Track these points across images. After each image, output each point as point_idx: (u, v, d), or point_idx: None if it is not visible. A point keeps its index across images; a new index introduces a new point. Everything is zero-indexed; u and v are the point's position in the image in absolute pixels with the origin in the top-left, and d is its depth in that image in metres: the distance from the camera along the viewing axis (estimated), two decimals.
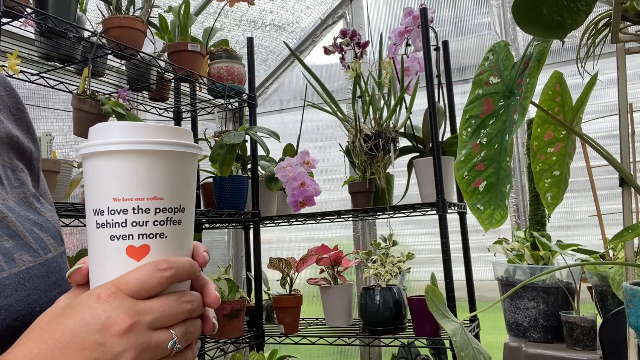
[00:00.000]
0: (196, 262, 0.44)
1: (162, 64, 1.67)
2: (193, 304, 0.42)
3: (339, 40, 1.78)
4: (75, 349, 0.37)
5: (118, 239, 0.41)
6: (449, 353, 1.58)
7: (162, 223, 0.41)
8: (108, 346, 0.37)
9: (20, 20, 1.20)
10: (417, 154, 1.74)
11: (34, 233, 0.48)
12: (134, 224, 0.41)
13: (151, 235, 0.41)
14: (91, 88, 1.37)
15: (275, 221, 1.86)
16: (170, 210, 0.42)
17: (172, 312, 0.40)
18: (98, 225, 0.41)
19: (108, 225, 0.41)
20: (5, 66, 1.16)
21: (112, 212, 0.41)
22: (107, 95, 1.66)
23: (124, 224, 0.41)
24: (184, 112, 2.03)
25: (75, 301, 0.40)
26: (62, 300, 0.41)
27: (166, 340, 0.40)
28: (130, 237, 0.41)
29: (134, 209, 0.41)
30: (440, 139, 1.60)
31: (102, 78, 1.62)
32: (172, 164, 0.42)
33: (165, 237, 0.42)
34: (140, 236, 0.41)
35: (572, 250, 1.66)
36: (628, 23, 0.85)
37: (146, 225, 0.41)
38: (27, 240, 0.47)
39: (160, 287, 0.40)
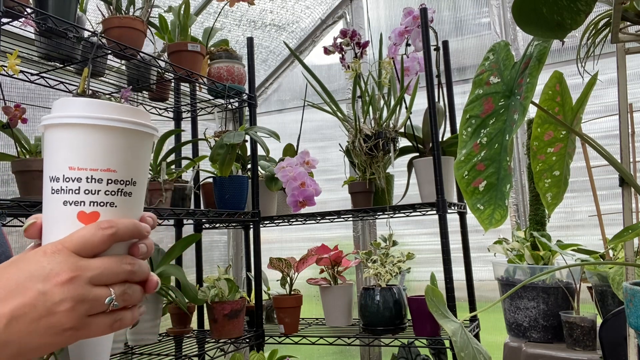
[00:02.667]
0: (139, 222, 0.47)
1: (162, 64, 1.67)
2: (134, 267, 0.45)
3: (339, 40, 1.78)
4: (17, 296, 0.40)
5: (70, 204, 0.44)
6: (449, 353, 1.58)
7: (112, 193, 0.45)
8: (49, 295, 0.41)
9: (20, 20, 1.20)
10: (417, 154, 1.74)
11: None
12: (87, 191, 0.44)
13: (102, 204, 0.45)
14: (91, 88, 1.37)
15: (275, 221, 1.86)
16: (122, 182, 0.45)
17: (113, 271, 0.44)
18: (53, 191, 0.45)
19: (62, 191, 0.44)
20: (5, 66, 1.16)
21: (67, 179, 0.44)
22: (107, 95, 1.66)
23: (77, 191, 0.44)
24: (184, 112, 2.03)
25: (23, 256, 0.43)
26: (12, 258, 0.44)
27: (104, 296, 0.43)
28: (82, 203, 0.45)
29: (87, 178, 0.44)
30: (440, 139, 1.60)
31: (102, 78, 1.61)
32: (128, 141, 0.46)
33: (115, 206, 0.45)
34: (92, 203, 0.45)
35: (572, 250, 1.66)
36: (628, 23, 0.85)
37: (97, 194, 0.45)
38: None
39: (103, 245, 0.44)
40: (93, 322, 0.43)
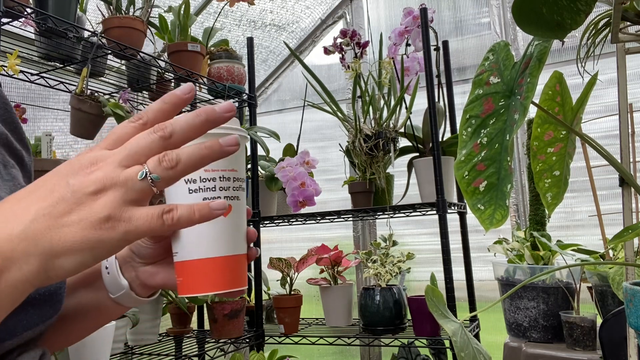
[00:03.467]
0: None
1: (162, 64, 1.67)
2: (165, 131, 0.39)
3: (339, 40, 1.78)
4: (48, 194, 0.38)
5: (209, 199, 0.48)
6: (449, 353, 1.58)
7: (236, 189, 0.51)
8: (77, 185, 0.37)
9: (20, 20, 1.20)
10: (417, 154, 1.74)
11: None
12: (221, 188, 0.49)
13: (232, 197, 0.50)
14: (91, 88, 1.37)
15: (275, 221, 1.86)
16: (240, 179, 0.52)
17: (141, 144, 0.39)
18: (191, 191, 0.49)
19: (200, 190, 0.49)
20: (5, 66, 1.16)
21: (204, 180, 0.49)
22: (106, 96, 1.66)
23: (213, 189, 0.49)
24: (184, 112, 2.02)
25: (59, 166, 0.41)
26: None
27: (135, 171, 0.38)
28: (219, 198, 0.49)
29: (220, 177, 0.49)
30: (440, 139, 1.60)
31: (102, 78, 1.62)
32: (240, 145, 0.51)
33: (239, 199, 0.51)
34: (226, 198, 0.50)
35: (572, 250, 1.66)
36: (628, 23, 0.85)
37: (228, 190, 0.50)
38: None
39: (134, 133, 0.40)
40: (135, 210, 0.38)
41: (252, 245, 0.52)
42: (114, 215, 0.37)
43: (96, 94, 1.38)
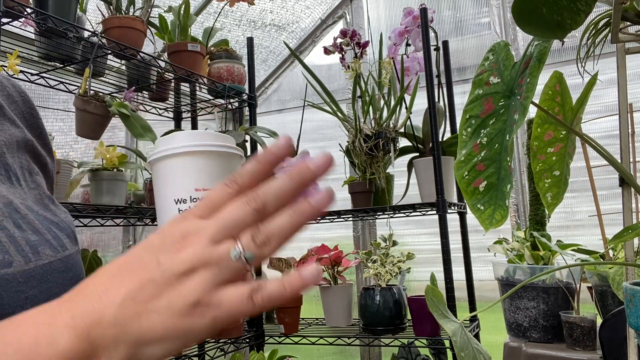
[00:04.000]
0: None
1: (162, 64, 1.67)
2: (257, 200, 0.36)
3: (339, 40, 1.78)
4: (136, 271, 0.35)
5: None
6: (449, 353, 1.58)
7: None
8: (167, 264, 0.35)
9: (20, 20, 1.20)
10: (417, 154, 1.74)
11: (52, 231, 0.49)
12: None
13: None
14: (92, 88, 1.37)
15: None
16: None
17: (233, 217, 0.36)
18: (181, 211, 0.48)
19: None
20: (5, 66, 1.16)
21: (194, 199, 0.49)
22: (107, 96, 1.66)
23: None
24: (184, 112, 2.03)
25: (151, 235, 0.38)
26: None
27: (228, 250, 0.35)
28: None
29: None
30: (440, 139, 1.60)
31: (102, 78, 1.62)
32: (234, 163, 0.52)
33: None
34: None
35: (572, 250, 1.66)
36: (628, 23, 0.85)
37: None
38: (47, 237, 0.48)
39: (229, 199, 0.38)
40: (223, 293, 0.35)
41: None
42: (203, 300, 0.34)
43: (100, 94, 1.38)
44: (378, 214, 1.72)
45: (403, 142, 1.74)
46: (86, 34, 1.36)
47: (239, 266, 0.35)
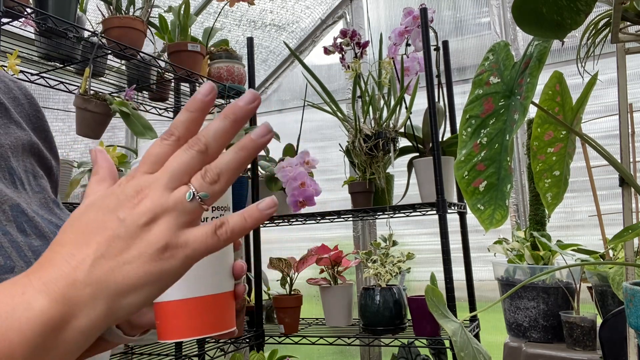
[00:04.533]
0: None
1: (162, 64, 1.67)
2: (200, 144, 0.38)
3: (339, 40, 1.78)
4: (99, 233, 0.36)
5: None
6: (449, 353, 1.58)
7: (219, 214, 0.45)
8: (128, 218, 0.36)
9: (20, 20, 1.20)
10: (417, 154, 1.74)
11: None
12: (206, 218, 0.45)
13: None
14: (92, 88, 1.37)
15: (275, 221, 1.86)
16: (222, 209, 0.46)
17: (182, 162, 0.38)
18: None
19: None
20: (5, 66, 1.16)
21: None
22: (108, 94, 1.66)
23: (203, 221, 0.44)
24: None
25: (103, 193, 0.39)
26: (91, 199, 0.40)
27: (182, 193, 0.37)
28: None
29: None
30: (440, 139, 1.60)
31: (102, 78, 1.62)
32: None
33: None
34: None
35: (572, 250, 1.66)
36: (628, 23, 0.85)
37: (205, 221, 0.44)
38: (51, 241, 0.48)
39: (171, 151, 0.39)
40: (189, 234, 0.37)
41: (240, 280, 0.48)
42: (171, 243, 0.36)
43: (100, 93, 1.39)
44: (378, 214, 1.72)
45: (403, 142, 1.74)
46: (86, 34, 1.36)
47: (196, 206, 0.37)
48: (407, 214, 1.68)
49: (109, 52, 1.42)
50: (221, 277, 0.45)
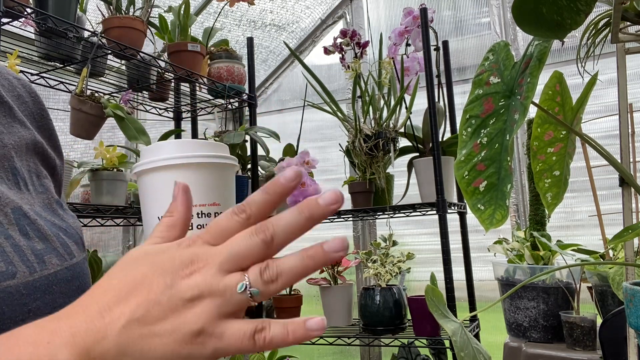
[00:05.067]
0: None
1: (162, 64, 1.67)
2: (267, 234, 0.36)
3: (339, 40, 1.78)
4: (142, 292, 0.34)
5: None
6: (449, 353, 1.58)
7: None
8: (175, 288, 0.34)
9: (20, 20, 1.20)
10: (417, 154, 1.74)
11: (60, 238, 0.48)
12: (199, 226, 0.44)
13: None
14: (91, 88, 1.37)
15: None
16: (211, 206, 0.46)
17: (242, 247, 0.36)
18: None
19: None
20: (5, 66, 1.16)
21: None
22: (106, 96, 1.66)
23: (190, 228, 0.42)
24: (184, 112, 2.03)
25: (159, 248, 0.37)
26: (148, 249, 0.39)
27: (235, 282, 0.35)
28: None
29: (198, 213, 0.44)
30: (440, 139, 1.60)
31: (102, 78, 1.62)
32: (223, 174, 0.47)
33: None
34: None
35: (572, 250, 1.66)
36: (628, 23, 0.85)
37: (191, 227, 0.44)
38: (55, 244, 0.47)
39: (240, 229, 0.37)
40: (227, 326, 0.35)
41: None
42: (207, 330, 0.34)
43: (96, 95, 1.38)
44: (378, 214, 1.72)
45: (403, 142, 1.74)
46: (86, 34, 1.36)
47: (244, 299, 0.35)
48: (407, 214, 1.68)
49: (109, 52, 1.42)
50: None
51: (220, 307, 0.35)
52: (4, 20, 1.16)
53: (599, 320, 1.44)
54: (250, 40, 1.89)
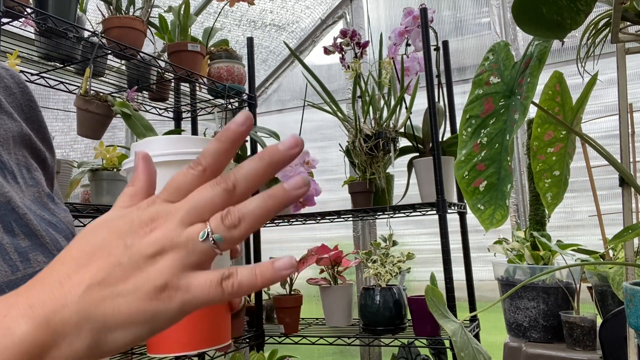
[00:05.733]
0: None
1: (162, 64, 1.67)
2: (228, 182, 0.35)
3: (339, 40, 1.78)
4: (102, 256, 0.34)
5: None
6: (449, 353, 1.58)
7: None
8: (135, 247, 0.34)
9: (20, 20, 1.20)
10: (417, 154, 1.74)
11: (50, 233, 0.47)
12: None
13: None
14: (93, 88, 1.37)
15: (275, 221, 1.86)
16: None
17: (203, 198, 0.35)
18: None
19: None
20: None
21: None
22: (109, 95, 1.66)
23: None
24: (184, 112, 2.03)
25: (119, 212, 0.37)
26: (107, 215, 0.38)
27: (196, 231, 0.34)
28: None
29: None
30: (440, 139, 1.60)
31: (102, 78, 1.62)
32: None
33: None
34: None
35: (572, 250, 1.66)
36: (628, 23, 0.85)
37: None
38: (44, 240, 0.46)
39: (198, 183, 0.37)
40: (193, 277, 0.34)
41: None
42: (171, 283, 0.33)
43: (101, 94, 1.38)
44: (378, 214, 1.72)
45: (403, 142, 1.74)
46: (86, 34, 1.36)
47: (208, 248, 0.34)
48: (407, 214, 1.68)
49: (109, 52, 1.42)
50: None
51: (183, 259, 0.34)
52: (4, 20, 1.16)
53: (599, 320, 1.44)
54: (250, 40, 1.89)
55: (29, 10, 1.19)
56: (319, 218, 1.78)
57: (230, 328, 0.44)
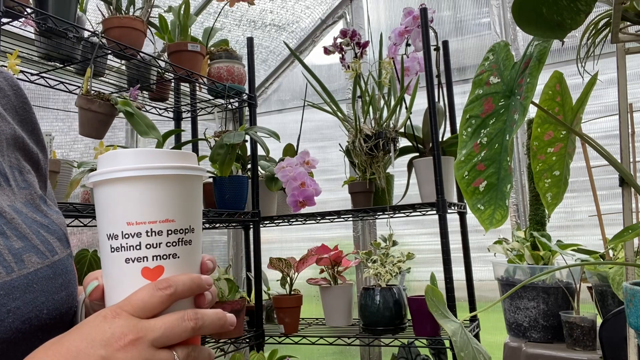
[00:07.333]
0: (198, 276, 0.44)
1: (162, 64, 1.67)
2: (197, 322, 0.42)
3: (339, 40, 1.78)
4: None
5: (133, 261, 0.43)
6: (449, 353, 1.58)
7: (174, 244, 0.43)
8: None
9: (20, 20, 1.20)
10: (417, 154, 1.74)
11: (41, 235, 0.48)
12: (148, 246, 0.42)
13: (164, 257, 0.43)
14: (94, 88, 1.37)
15: (275, 221, 1.86)
16: (181, 231, 0.44)
17: (175, 331, 0.41)
18: (113, 250, 0.43)
19: (123, 248, 0.43)
20: (5, 66, 1.16)
21: (127, 235, 0.42)
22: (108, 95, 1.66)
23: (138, 247, 0.42)
24: (184, 112, 2.03)
25: (85, 321, 0.41)
26: (77, 325, 0.42)
27: (167, 358, 0.40)
28: (145, 259, 0.43)
29: (147, 232, 0.42)
30: (440, 139, 1.60)
31: (102, 78, 1.62)
32: (181, 187, 0.44)
33: (178, 257, 0.44)
34: (155, 257, 0.43)
35: (572, 250, 1.66)
36: (628, 23, 0.85)
37: (159, 247, 0.43)
38: (34, 242, 0.46)
39: (162, 306, 0.41)
40: None
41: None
42: None
43: (103, 93, 1.38)
44: (378, 214, 1.72)
45: (403, 142, 1.74)
46: (86, 34, 1.36)
47: None
48: (407, 214, 1.68)
49: (109, 52, 1.42)
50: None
51: None
52: (4, 20, 1.16)
53: (599, 320, 1.44)
54: (250, 40, 1.89)
55: (29, 10, 1.19)
56: (319, 218, 1.78)
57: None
